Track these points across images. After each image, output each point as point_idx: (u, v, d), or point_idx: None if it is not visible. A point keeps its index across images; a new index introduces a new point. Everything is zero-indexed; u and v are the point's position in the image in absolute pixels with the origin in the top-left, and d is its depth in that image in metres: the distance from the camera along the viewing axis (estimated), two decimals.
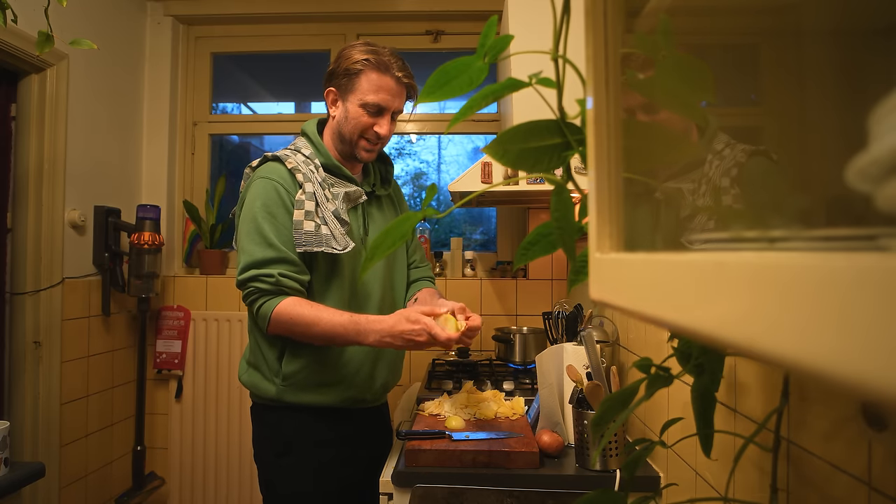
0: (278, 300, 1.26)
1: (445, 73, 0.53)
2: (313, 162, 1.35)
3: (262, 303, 1.27)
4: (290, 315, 1.25)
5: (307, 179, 1.31)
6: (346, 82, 1.34)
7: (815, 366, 0.18)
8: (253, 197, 1.32)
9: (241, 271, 1.29)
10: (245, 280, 1.28)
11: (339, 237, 1.31)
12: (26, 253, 2.05)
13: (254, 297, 1.28)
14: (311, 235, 1.28)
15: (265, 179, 1.32)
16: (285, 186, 1.31)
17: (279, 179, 1.31)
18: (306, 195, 1.30)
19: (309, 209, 1.29)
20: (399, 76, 1.34)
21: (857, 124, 0.22)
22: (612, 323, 1.63)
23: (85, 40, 1.37)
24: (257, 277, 1.27)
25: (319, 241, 1.28)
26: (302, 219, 1.28)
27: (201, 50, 2.80)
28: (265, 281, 1.26)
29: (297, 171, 1.32)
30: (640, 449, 0.67)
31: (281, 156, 1.35)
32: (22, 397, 2.04)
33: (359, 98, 1.33)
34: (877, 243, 0.21)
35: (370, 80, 1.32)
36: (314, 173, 1.34)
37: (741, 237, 0.34)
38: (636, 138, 0.44)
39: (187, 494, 2.55)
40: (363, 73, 1.32)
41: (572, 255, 0.56)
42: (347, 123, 1.36)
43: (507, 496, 1.21)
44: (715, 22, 0.42)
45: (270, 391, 1.36)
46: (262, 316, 1.27)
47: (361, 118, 1.34)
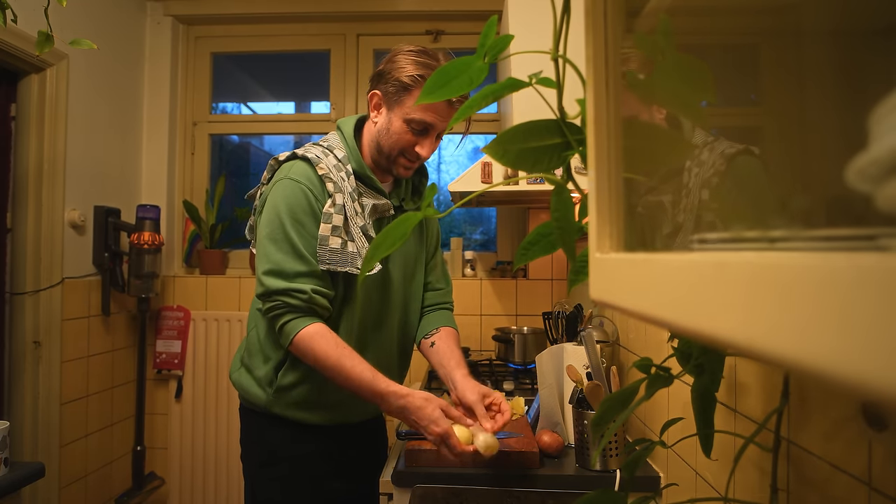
0: (307, 322, 1.16)
1: (445, 73, 0.53)
2: (345, 168, 1.24)
3: (288, 319, 1.16)
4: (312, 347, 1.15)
5: (338, 190, 1.20)
6: (394, 92, 1.22)
7: (815, 366, 0.18)
8: (278, 198, 1.20)
9: (266, 280, 1.17)
10: (273, 292, 1.16)
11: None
12: (26, 253, 2.05)
13: (280, 311, 1.17)
14: (337, 253, 1.17)
15: (293, 182, 1.20)
16: (314, 193, 1.20)
17: (308, 184, 1.20)
18: (336, 208, 1.19)
19: (337, 224, 1.18)
20: (453, 100, 1.21)
21: (857, 124, 0.22)
22: (612, 323, 1.63)
23: (85, 40, 1.37)
24: (288, 292, 1.15)
25: (345, 260, 1.18)
26: (328, 234, 1.17)
27: (201, 50, 2.80)
28: (297, 297, 1.16)
29: (328, 178, 1.20)
30: (640, 449, 0.67)
31: (312, 158, 1.22)
32: (22, 397, 2.04)
33: (405, 113, 1.21)
34: (877, 243, 0.21)
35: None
36: (345, 181, 1.22)
37: (741, 237, 0.34)
38: (636, 138, 0.44)
39: (187, 494, 2.55)
40: (413, 90, 1.20)
41: (572, 255, 0.56)
42: (389, 137, 1.24)
43: (507, 496, 1.21)
44: (715, 22, 0.42)
45: (260, 398, 1.27)
46: (285, 334, 1.16)
47: (404, 135, 1.23)
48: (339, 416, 1.30)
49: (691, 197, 0.42)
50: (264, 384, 1.27)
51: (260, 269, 1.19)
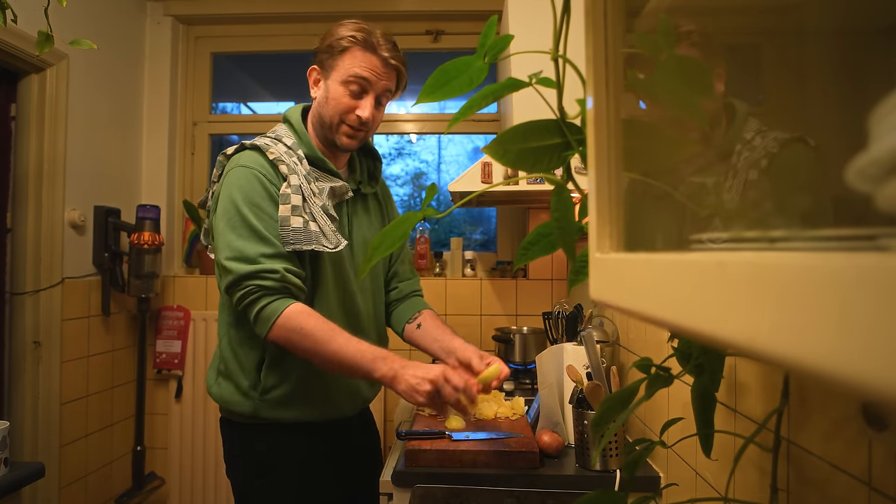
0: (287, 302, 1.10)
1: (445, 73, 0.53)
2: (296, 153, 1.22)
3: (266, 303, 1.10)
4: (302, 323, 1.09)
5: (291, 171, 1.18)
6: (328, 59, 1.22)
7: (815, 366, 0.18)
8: (231, 187, 1.16)
9: (231, 265, 1.11)
10: (242, 277, 1.10)
11: (329, 234, 1.17)
12: (26, 253, 2.05)
13: (255, 295, 1.10)
14: (300, 233, 1.13)
15: (244, 168, 1.17)
16: (267, 177, 1.17)
17: (260, 169, 1.17)
18: (292, 188, 1.16)
19: (296, 203, 1.15)
20: (386, 56, 1.22)
21: (858, 124, 0.22)
22: (612, 323, 1.63)
23: (85, 40, 1.37)
24: (258, 274, 1.10)
25: (309, 238, 1.14)
26: (289, 214, 1.14)
27: (201, 50, 2.80)
28: (269, 278, 1.10)
29: (279, 161, 1.18)
30: (640, 449, 0.67)
31: (261, 145, 1.20)
32: (22, 397, 2.04)
33: (340, 75, 1.21)
34: (877, 243, 0.21)
35: (354, 57, 1.20)
36: (298, 165, 1.20)
37: (741, 237, 0.34)
38: (636, 138, 0.44)
39: (187, 494, 2.55)
40: (348, 50, 1.20)
41: (572, 255, 0.56)
42: (328, 105, 1.22)
43: (507, 496, 1.21)
44: (715, 22, 0.42)
45: (245, 406, 1.20)
46: (263, 319, 1.10)
47: (342, 99, 1.21)
48: (327, 410, 1.25)
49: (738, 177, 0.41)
50: (248, 390, 1.21)
51: (221, 256, 1.13)
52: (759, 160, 0.41)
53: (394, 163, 3.10)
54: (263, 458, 1.23)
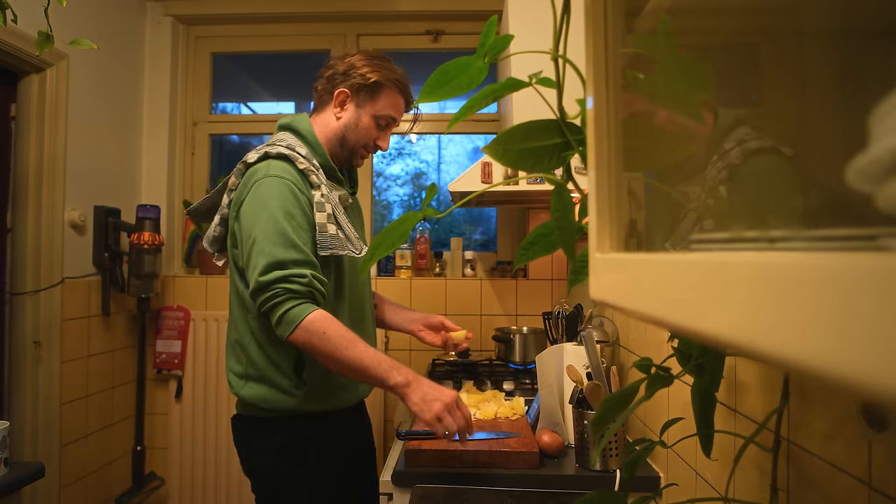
0: (310, 307, 1.16)
1: (445, 73, 0.53)
2: (311, 163, 1.28)
3: (291, 306, 1.15)
4: (325, 328, 1.14)
5: (321, 181, 1.27)
6: (366, 92, 1.34)
7: (815, 366, 0.18)
8: (266, 196, 1.21)
9: (262, 273, 1.16)
10: (270, 281, 1.15)
11: (354, 241, 1.28)
12: (26, 253, 2.05)
13: (281, 297, 1.15)
14: (336, 239, 1.23)
15: (277, 178, 1.22)
16: (299, 188, 1.24)
17: (293, 180, 1.24)
18: (325, 197, 1.25)
19: (329, 212, 1.25)
20: (410, 100, 1.41)
21: (858, 124, 0.22)
22: (612, 323, 1.63)
23: (85, 40, 1.37)
24: (287, 278, 1.15)
25: (343, 244, 1.24)
26: (325, 221, 1.23)
27: (201, 50, 2.80)
28: (297, 282, 1.16)
29: (310, 172, 1.26)
30: (640, 449, 0.67)
31: (289, 156, 1.26)
32: (22, 397, 2.04)
33: (376, 111, 1.35)
34: (877, 243, 0.21)
35: (391, 98, 1.36)
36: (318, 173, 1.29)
37: (741, 237, 0.34)
38: (636, 138, 0.44)
39: (187, 494, 2.55)
40: (386, 89, 1.35)
41: (572, 255, 0.56)
42: (357, 132, 1.36)
43: (507, 496, 1.21)
44: (715, 22, 0.42)
45: (289, 403, 1.26)
46: (288, 321, 1.14)
47: (371, 130, 1.36)
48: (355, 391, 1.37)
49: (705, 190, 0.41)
50: (291, 388, 1.26)
51: (258, 266, 1.17)
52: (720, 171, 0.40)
53: (394, 163, 3.10)
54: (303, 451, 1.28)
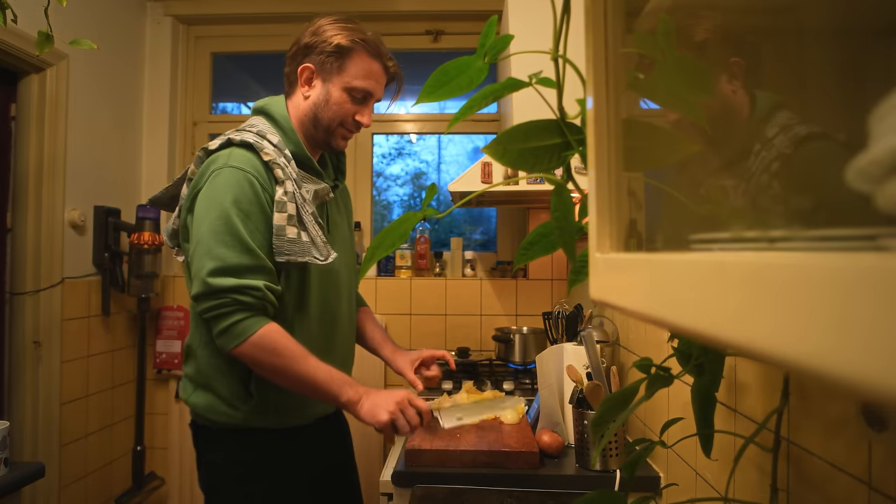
0: (261, 322, 1.07)
1: (445, 73, 0.53)
2: (283, 152, 1.15)
3: (239, 318, 1.06)
4: (275, 343, 1.06)
5: (287, 177, 1.12)
6: (331, 62, 1.19)
7: (815, 366, 0.18)
8: (222, 189, 1.08)
9: (211, 276, 1.05)
10: (219, 289, 1.05)
11: (320, 245, 1.14)
12: (26, 253, 2.05)
13: (229, 308, 1.05)
14: (295, 244, 1.10)
15: (236, 170, 1.10)
16: (260, 182, 1.11)
17: (255, 173, 1.10)
18: (287, 196, 1.11)
19: (291, 213, 1.11)
20: (389, 65, 1.23)
21: (858, 124, 0.22)
22: (612, 323, 1.63)
23: (85, 40, 1.37)
24: (240, 289, 1.05)
25: (303, 250, 1.11)
26: (284, 224, 1.10)
27: (201, 50, 2.80)
28: (250, 294, 1.06)
29: (275, 164, 1.12)
30: (640, 449, 0.67)
31: (253, 143, 1.12)
32: (22, 397, 2.04)
33: (345, 82, 1.18)
34: (877, 243, 0.21)
35: (362, 63, 1.19)
36: (287, 167, 1.14)
37: (741, 237, 0.34)
38: (636, 138, 0.44)
39: (187, 494, 2.55)
40: (354, 54, 1.18)
41: (572, 255, 0.56)
42: (328, 108, 1.20)
43: (507, 496, 1.21)
44: (715, 21, 0.42)
45: (235, 417, 1.16)
46: (234, 335, 1.05)
47: (344, 105, 1.20)
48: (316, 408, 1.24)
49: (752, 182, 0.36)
50: (235, 401, 1.15)
51: (203, 267, 1.06)
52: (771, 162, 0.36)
53: (394, 163, 3.11)
54: (248, 466, 1.18)
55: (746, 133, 0.41)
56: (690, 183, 0.42)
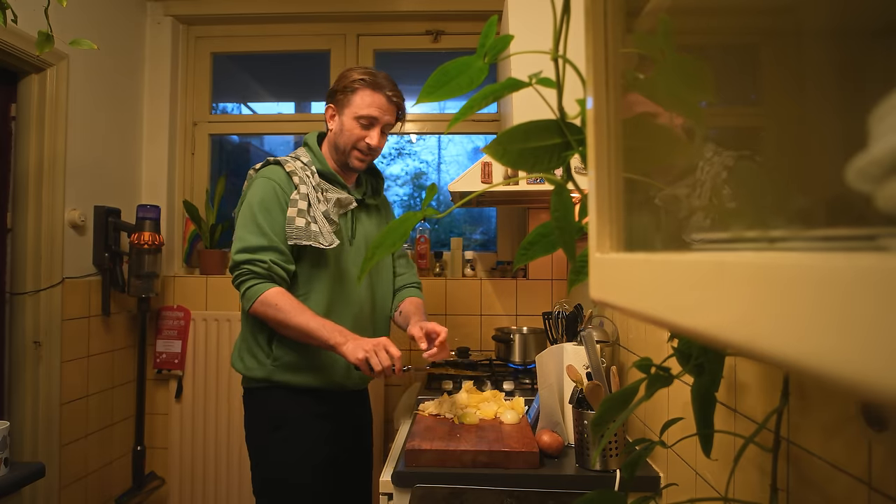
0: (267, 286, 1.40)
1: (445, 73, 0.53)
2: (310, 168, 1.51)
3: (251, 285, 1.40)
4: (277, 301, 1.38)
5: (302, 182, 1.47)
6: (342, 99, 1.52)
7: (815, 366, 0.18)
8: (252, 194, 1.47)
9: (235, 253, 1.43)
10: (239, 262, 1.42)
11: (325, 234, 1.45)
12: (26, 253, 2.05)
13: (244, 278, 1.41)
14: (301, 230, 1.42)
15: (265, 179, 1.48)
16: (282, 187, 1.47)
17: (277, 180, 1.48)
18: (300, 195, 1.45)
19: (301, 208, 1.44)
20: (389, 95, 1.51)
21: (858, 124, 0.22)
22: (612, 323, 1.63)
23: (85, 40, 1.37)
24: (251, 261, 1.41)
25: (308, 235, 1.43)
26: (294, 215, 1.43)
27: (201, 50, 2.79)
28: (258, 265, 1.41)
29: (293, 174, 1.48)
30: (640, 449, 0.67)
31: (282, 160, 1.51)
32: (22, 397, 2.04)
33: (353, 112, 1.50)
34: (877, 243, 0.21)
35: (364, 96, 1.50)
36: (310, 178, 1.49)
37: (741, 237, 0.34)
38: (636, 138, 0.44)
39: (187, 494, 2.55)
40: (358, 91, 1.50)
41: (572, 255, 0.56)
42: (342, 135, 1.52)
43: (507, 496, 1.21)
44: (715, 22, 0.42)
45: (262, 372, 1.48)
46: (248, 297, 1.40)
47: (354, 130, 1.51)
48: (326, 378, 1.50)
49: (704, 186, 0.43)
50: (262, 359, 1.48)
51: (233, 249, 1.44)
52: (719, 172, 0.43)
53: (394, 163, 3.11)
54: (279, 413, 1.49)
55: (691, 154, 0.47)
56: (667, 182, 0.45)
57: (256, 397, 1.53)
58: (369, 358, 1.33)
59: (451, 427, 1.44)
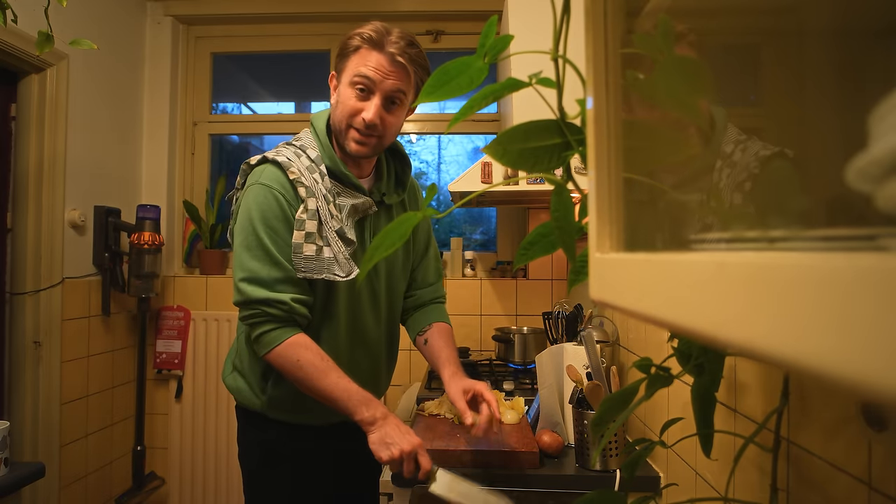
0: (290, 332, 1.15)
1: (445, 72, 0.53)
2: (318, 168, 1.20)
3: (268, 329, 1.15)
4: (299, 356, 1.14)
5: (311, 194, 1.17)
6: (341, 61, 1.21)
7: (815, 366, 0.18)
8: (251, 204, 1.17)
9: (245, 287, 1.15)
10: (252, 301, 1.14)
11: (342, 262, 1.18)
12: (26, 253, 2.05)
13: (259, 319, 1.15)
14: (312, 261, 1.15)
15: (264, 187, 1.17)
16: (286, 197, 1.17)
17: (280, 189, 1.17)
18: (308, 213, 1.16)
19: (310, 230, 1.15)
20: (393, 52, 1.16)
21: (858, 124, 0.22)
22: (612, 323, 1.63)
23: (85, 40, 1.37)
24: (268, 302, 1.14)
25: (321, 267, 1.16)
26: (302, 241, 1.15)
27: (201, 50, 2.80)
28: (277, 307, 1.14)
29: (299, 183, 1.16)
30: (640, 449, 0.67)
31: (283, 162, 1.18)
32: (22, 397, 2.04)
33: (348, 76, 1.18)
34: (877, 243, 0.21)
35: (362, 56, 1.17)
36: (318, 183, 1.18)
37: (741, 237, 0.34)
38: (636, 138, 0.44)
39: (187, 494, 2.55)
40: (353, 49, 1.19)
41: (572, 255, 0.56)
42: (337, 108, 1.20)
43: (507, 496, 1.21)
44: (715, 22, 0.42)
45: (256, 404, 1.28)
46: (265, 343, 1.15)
47: (349, 101, 1.17)
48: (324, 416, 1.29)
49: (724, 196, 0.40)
50: (257, 391, 1.28)
51: (236, 277, 1.17)
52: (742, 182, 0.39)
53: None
54: (274, 448, 1.30)
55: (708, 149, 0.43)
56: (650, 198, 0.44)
57: (248, 420, 1.34)
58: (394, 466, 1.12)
59: (451, 427, 1.44)
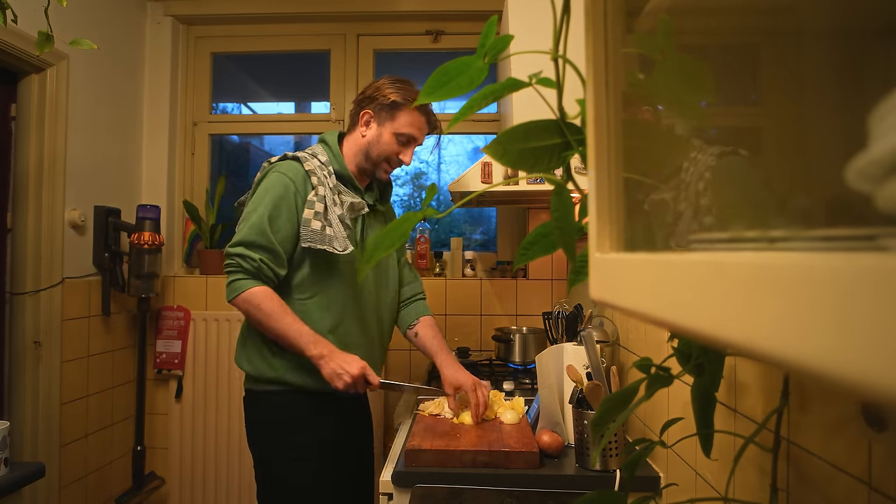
0: (252, 283, 1.38)
1: (445, 73, 0.53)
2: (328, 168, 1.49)
3: (238, 278, 1.39)
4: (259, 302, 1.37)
5: (320, 183, 1.44)
6: (385, 111, 1.51)
7: (815, 366, 0.18)
8: (266, 187, 1.44)
9: (230, 245, 1.41)
10: (232, 254, 1.40)
11: (340, 239, 1.43)
12: (26, 253, 2.05)
13: (233, 269, 1.40)
14: (317, 234, 1.40)
15: (281, 175, 1.44)
16: (297, 186, 1.44)
17: (294, 178, 1.44)
18: (318, 197, 1.42)
19: (318, 210, 1.41)
20: (431, 119, 1.55)
21: (857, 124, 0.22)
22: (612, 323, 1.63)
23: (85, 40, 1.37)
24: (242, 256, 1.39)
25: (323, 239, 1.40)
26: (311, 217, 1.40)
27: (201, 50, 2.79)
28: (248, 261, 1.38)
29: (312, 173, 1.45)
30: (640, 449, 0.67)
31: (300, 157, 1.49)
32: (22, 397, 2.04)
33: (395, 128, 1.50)
34: (877, 243, 0.21)
35: (409, 116, 1.50)
36: (327, 178, 1.47)
37: (741, 237, 0.34)
38: (636, 138, 0.44)
39: (187, 494, 2.55)
40: (405, 108, 1.50)
41: (572, 255, 0.56)
42: (378, 146, 1.51)
43: (507, 496, 1.21)
44: (715, 22, 0.42)
45: (272, 373, 1.46)
46: (231, 289, 1.39)
47: (392, 145, 1.51)
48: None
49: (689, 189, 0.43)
50: (270, 359, 1.46)
51: (233, 240, 1.41)
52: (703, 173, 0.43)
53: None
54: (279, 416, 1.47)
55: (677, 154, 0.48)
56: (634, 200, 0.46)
57: (259, 398, 1.50)
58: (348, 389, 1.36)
59: (451, 427, 1.44)
